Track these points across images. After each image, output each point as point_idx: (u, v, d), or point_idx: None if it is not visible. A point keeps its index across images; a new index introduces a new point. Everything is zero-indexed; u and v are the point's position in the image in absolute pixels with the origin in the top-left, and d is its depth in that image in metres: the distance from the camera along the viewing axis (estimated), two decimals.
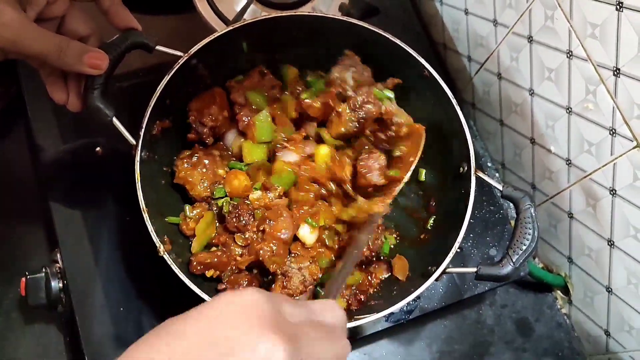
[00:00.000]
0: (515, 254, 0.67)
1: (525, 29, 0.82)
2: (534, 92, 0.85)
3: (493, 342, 0.89)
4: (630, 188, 0.74)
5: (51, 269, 0.78)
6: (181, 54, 0.73)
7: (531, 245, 0.67)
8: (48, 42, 0.61)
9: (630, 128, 0.71)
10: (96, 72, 0.66)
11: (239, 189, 0.77)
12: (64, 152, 0.85)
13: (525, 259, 0.67)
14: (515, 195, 0.71)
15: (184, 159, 0.78)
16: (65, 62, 0.63)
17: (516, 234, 0.69)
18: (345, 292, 0.78)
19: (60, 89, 0.69)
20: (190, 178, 0.77)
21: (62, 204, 0.82)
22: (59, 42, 0.62)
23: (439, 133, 0.82)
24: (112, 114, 0.68)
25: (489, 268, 0.68)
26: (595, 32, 0.71)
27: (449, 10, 0.98)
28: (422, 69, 0.78)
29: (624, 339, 0.83)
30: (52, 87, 0.69)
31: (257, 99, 0.81)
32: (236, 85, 0.81)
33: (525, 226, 0.68)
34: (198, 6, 0.91)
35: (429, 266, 0.72)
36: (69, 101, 0.70)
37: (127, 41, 0.69)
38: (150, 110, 0.70)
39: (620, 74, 0.69)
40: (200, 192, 0.77)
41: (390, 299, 0.71)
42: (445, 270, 0.70)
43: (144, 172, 0.69)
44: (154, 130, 0.74)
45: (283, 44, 0.82)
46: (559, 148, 0.84)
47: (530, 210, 0.69)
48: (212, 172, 0.78)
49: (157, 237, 0.67)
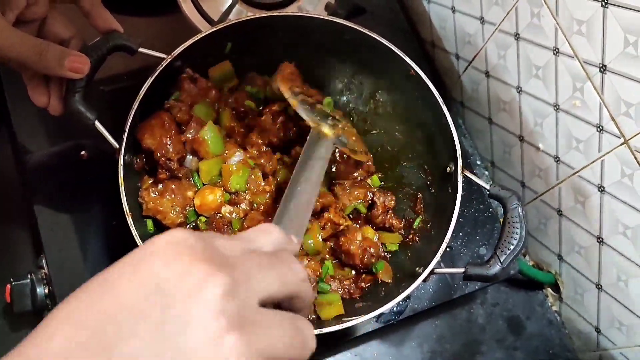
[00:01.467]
0: (503, 253, 0.67)
1: (512, 26, 0.82)
2: (521, 90, 0.85)
3: (484, 340, 0.88)
4: (618, 185, 0.74)
5: (36, 274, 0.77)
6: (164, 55, 0.72)
7: (519, 244, 0.67)
8: (27, 46, 0.60)
9: (617, 125, 0.71)
10: (77, 76, 0.65)
11: (214, 203, 0.75)
12: (49, 155, 0.84)
13: (513, 258, 0.67)
14: (502, 195, 0.71)
15: (149, 188, 0.74)
16: (45, 66, 0.62)
17: (504, 234, 0.68)
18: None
19: (42, 92, 0.68)
20: (161, 207, 0.73)
21: (47, 209, 0.81)
22: (38, 45, 0.61)
23: (426, 132, 0.81)
24: (94, 117, 0.67)
25: (477, 268, 0.68)
26: (582, 29, 0.71)
27: (436, 8, 0.98)
28: (408, 68, 0.78)
29: (614, 335, 0.83)
30: (33, 91, 0.68)
31: (202, 111, 0.78)
32: (175, 104, 0.77)
33: (513, 225, 0.68)
34: (183, 7, 0.90)
35: (416, 267, 0.72)
36: (50, 104, 0.69)
37: (109, 43, 0.68)
38: (133, 113, 0.69)
39: (607, 71, 0.69)
40: (174, 220, 0.74)
41: (377, 301, 0.70)
42: (433, 271, 0.69)
43: (128, 175, 0.68)
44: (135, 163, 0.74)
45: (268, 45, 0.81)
46: (548, 145, 0.84)
47: (517, 209, 0.69)
48: (181, 196, 0.75)
49: (141, 242, 0.66)
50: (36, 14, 0.65)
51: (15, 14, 0.62)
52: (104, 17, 0.69)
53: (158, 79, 0.71)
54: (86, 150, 0.84)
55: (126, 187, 0.67)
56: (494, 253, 0.67)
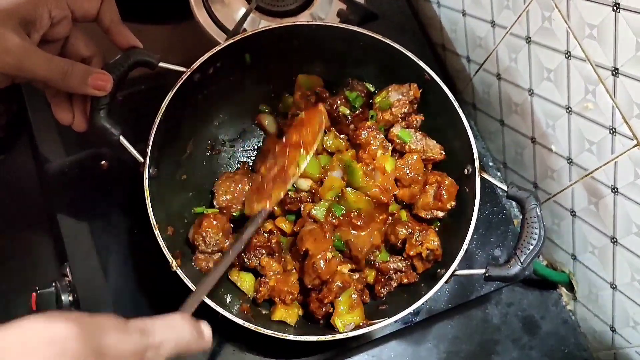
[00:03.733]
0: (523, 253, 0.68)
1: (523, 30, 0.83)
2: (533, 92, 0.86)
3: (500, 340, 0.89)
4: (632, 186, 0.74)
5: (61, 283, 0.78)
6: (184, 69, 0.73)
7: (538, 244, 0.68)
8: (52, 66, 0.62)
9: (630, 127, 0.71)
10: (101, 94, 0.66)
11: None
12: (69, 166, 0.86)
13: (532, 258, 0.67)
14: (520, 195, 0.71)
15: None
16: (70, 85, 0.64)
17: (523, 234, 0.69)
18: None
19: (66, 109, 0.70)
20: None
21: (70, 218, 0.83)
22: (63, 65, 0.63)
23: (442, 136, 0.82)
24: (119, 132, 0.69)
25: (498, 269, 0.68)
26: (593, 33, 0.71)
27: (447, 12, 0.99)
28: (423, 72, 0.79)
29: (629, 334, 0.84)
30: (57, 108, 0.70)
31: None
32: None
33: (531, 226, 0.69)
34: (197, 16, 0.92)
35: (437, 269, 0.73)
36: (75, 122, 0.70)
37: (130, 60, 0.70)
38: (156, 127, 0.70)
39: (619, 74, 0.70)
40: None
41: (400, 303, 0.71)
42: (455, 272, 0.70)
43: (152, 188, 0.70)
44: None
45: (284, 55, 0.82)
46: (560, 147, 0.85)
47: (536, 209, 0.69)
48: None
49: (169, 253, 0.67)
50: (59, 33, 0.66)
51: (40, 35, 0.63)
52: (124, 34, 0.70)
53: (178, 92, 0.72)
54: (106, 159, 0.86)
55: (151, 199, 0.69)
56: (514, 253, 0.68)
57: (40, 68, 0.61)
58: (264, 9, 0.94)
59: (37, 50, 0.61)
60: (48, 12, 0.62)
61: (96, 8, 0.67)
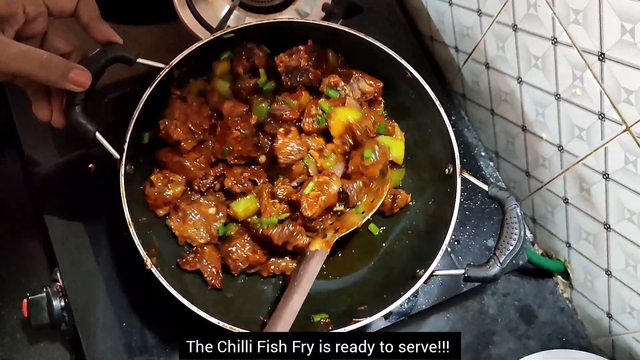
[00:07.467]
0: (502, 254, 0.67)
1: (509, 17, 0.82)
2: (522, 80, 0.85)
3: (497, 331, 0.89)
4: (622, 171, 0.74)
5: (52, 288, 0.78)
6: (162, 65, 0.72)
7: (518, 244, 0.67)
8: (29, 57, 0.60)
9: (618, 112, 0.71)
10: (80, 89, 0.65)
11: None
12: (56, 170, 0.86)
13: (512, 259, 0.67)
14: (500, 196, 0.71)
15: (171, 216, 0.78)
16: (50, 78, 0.62)
17: (502, 234, 0.68)
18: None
19: (44, 106, 0.69)
20: (186, 233, 0.77)
21: (58, 222, 0.82)
22: (39, 55, 0.61)
23: (424, 134, 0.82)
24: (95, 129, 0.68)
25: (477, 269, 0.68)
26: (578, 18, 0.71)
27: (434, 3, 0.98)
28: (405, 71, 0.78)
29: (626, 320, 0.83)
30: (36, 105, 0.69)
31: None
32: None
33: (511, 226, 0.68)
34: (181, 14, 0.91)
35: (417, 269, 0.72)
36: (53, 118, 0.69)
37: (107, 55, 0.69)
38: (133, 123, 0.70)
39: (605, 59, 0.69)
40: (205, 239, 0.77)
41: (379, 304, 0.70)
42: (433, 273, 0.69)
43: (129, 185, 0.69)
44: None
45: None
46: (550, 135, 0.84)
47: (516, 210, 0.69)
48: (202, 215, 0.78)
49: (144, 251, 0.67)
50: (36, 29, 0.65)
51: (15, 30, 0.62)
52: (103, 30, 0.69)
53: (157, 89, 0.71)
54: (93, 161, 0.85)
55: (128, 196, 0.68)
56: (493, 254, 0.68)
57: (17, 60, 0.59)
58: (248, 6, 0.93)
59: (11, 42, 0.59)
60: (22, 8, 0.61)
61: (73, 4, 0.66)
